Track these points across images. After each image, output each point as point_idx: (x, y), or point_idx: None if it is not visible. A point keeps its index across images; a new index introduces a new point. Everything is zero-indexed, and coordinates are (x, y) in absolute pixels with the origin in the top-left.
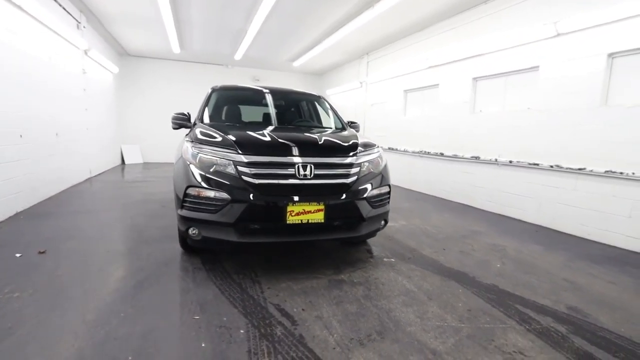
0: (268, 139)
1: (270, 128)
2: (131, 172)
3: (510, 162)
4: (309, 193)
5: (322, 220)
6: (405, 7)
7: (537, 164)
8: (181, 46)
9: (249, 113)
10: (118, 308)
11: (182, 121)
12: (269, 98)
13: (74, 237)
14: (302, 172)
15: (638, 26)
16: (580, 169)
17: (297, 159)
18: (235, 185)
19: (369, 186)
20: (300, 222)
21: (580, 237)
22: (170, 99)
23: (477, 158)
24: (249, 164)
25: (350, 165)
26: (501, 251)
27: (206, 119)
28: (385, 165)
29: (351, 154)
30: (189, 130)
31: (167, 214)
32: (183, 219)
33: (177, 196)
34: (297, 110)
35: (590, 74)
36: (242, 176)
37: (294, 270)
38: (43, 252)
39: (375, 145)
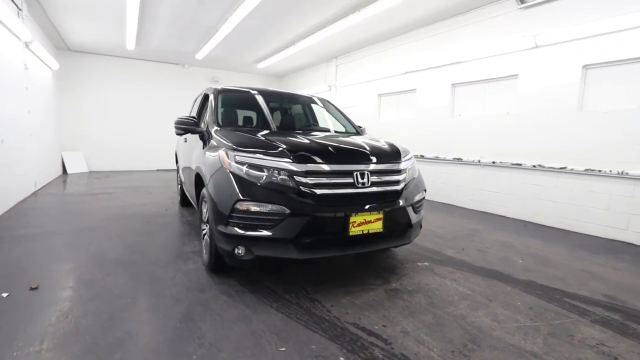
0: (319, 146)
1: (301, 134)
2: (81, 183)
3: (494, 162)
4: (367, 202)
5: (381, 230)
6: (387, 14)
7: (520, 164)
8: (137, 42)
9: (264, 118)
10: (185, 349)
11: (189, 126)
12: (279, 102)
13: (69, 260)
14: (360, 180)
15: (609, 42)
16: (561, 168)
17: (355, 167)
18: (293, 197)
19: (413, 191)
20: (361, 232)
21: (562, 229)
22: (119, 100)
23: (459, 159)
24: (307, 174)
25: (399, 172)
26: (510, 247)
27: (221, 124)
28: (419, 170)
29: (398, 159)
30: (199, 135)
31: (160, 230)
32: (229, 237)
33: (218, 212)
34: (306, 113)
35: (567, 82)
36: (301, 187)
37: (342, 283)
38: (35, 288)
39: (408, 150)
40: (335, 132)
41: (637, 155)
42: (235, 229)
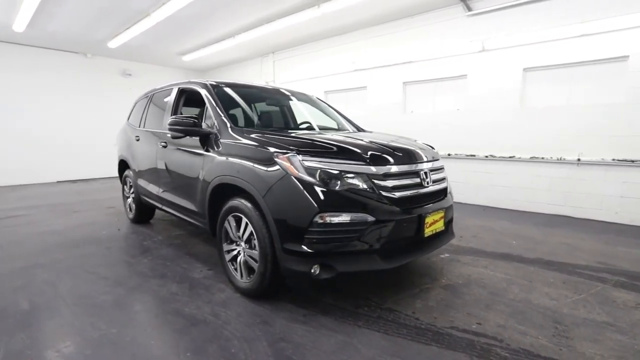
0: (384, 147)
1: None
2: None
3: (449, 155)
4: (431, 201)
5: (443, 228)
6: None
7: (474, 155)
8: (31, 23)
9: (277, 116)
10: None
11: (189, 127)
12: (282, 99)
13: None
14: (425, 179)
15: (544, 49)
16: (510, 157)
17: (420, 166)
18: (374, 203)
19: (449, 187)
20: (432, 232)
21: (513, 209)
22: None
23: None
24: (385, 176)
25: (443, 168)
26: (493, 230)
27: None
28: None
29: (438, 156)
30: (200, 139)
31: (140, 257)
32: (306, 256)
33: (287, 228)
34: (306, 112)
35: (511, 82)
36: (381, 191)
37: (397, 288)
38: None
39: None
40: (344, 129)
41: (570, 143)
42: (313, 245)
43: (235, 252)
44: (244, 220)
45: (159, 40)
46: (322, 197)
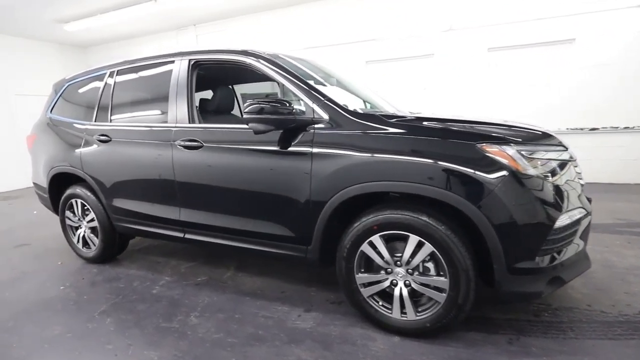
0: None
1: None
2: None
3: None
4: None
5: None
6: None
7: None
8: None
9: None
10: None
11: (286, 116)
12: (327, 75)
13: None
14: None
15: (506, 31)
16: None
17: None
18: (580, 193)
19: None
20: None
21: None
22: None
23: None
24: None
25: None
26: None
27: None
28: None
29: None
30: (283, 133)
31: (181, 310)
32: (539, 272)
33: (521, 240)
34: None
35: (477, 61)
36: (580, 179)
37: None
38: None
39: None
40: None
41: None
42: (550, 256)
43: (385, 283)
44: (413, 240)
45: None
46: (557, 195)
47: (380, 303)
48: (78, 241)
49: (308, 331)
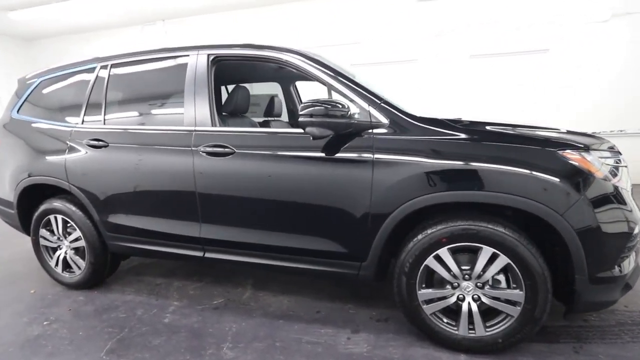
0: None
1: None
2: None
3: None
4: None
5: None
6: None
7: None
8: None
9: None
10: None
11: (342, 120)
12: None
13: None
14: None
15: (485, 38)
16: None
17: None
18: None
19: None
20: None
21: None
22: None
23: None
24: None
25: None
26: None
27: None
28: None
29: None
30: (332, 138)
31: (209, 342)
32: (616, 281)
33: (604, 249)
34: None
35: (460, 66)
36: None
37: None
38: None
39: None
40: None
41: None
42: (625, 263)
43: (451, 299)
44: (486, 252)
45: None
46: (629, 201)
47: (445, 320)
48: (57, 264)
49: (366, 356)
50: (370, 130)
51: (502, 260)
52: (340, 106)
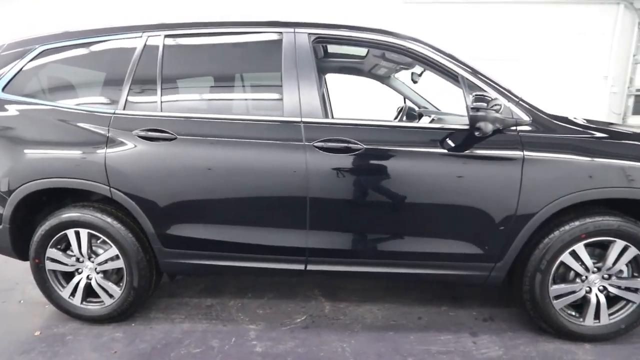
0: None
1: None
2: None
3: None
4: None
5: None
6: None
7: None
8: None
9: None
10: None
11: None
12: None
13: None
14: None
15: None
16: None
17: None
18: None
19: None
20: None
21: None
22: None
23: None
24: None
25: None
26: None
27: None
28: None
29: None
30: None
31: None
32: None
33: None
34: None
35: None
36: None
37: None
38: None
39: None
40: None
41: None
42: None
43: (580, 292)
44: (619, 246)
45: None
46: None
47: (572, 313)
48: (73, 294)
49: (505, 359)
50: (514, 128)
51: (632, 252)
52: (498, 101)
